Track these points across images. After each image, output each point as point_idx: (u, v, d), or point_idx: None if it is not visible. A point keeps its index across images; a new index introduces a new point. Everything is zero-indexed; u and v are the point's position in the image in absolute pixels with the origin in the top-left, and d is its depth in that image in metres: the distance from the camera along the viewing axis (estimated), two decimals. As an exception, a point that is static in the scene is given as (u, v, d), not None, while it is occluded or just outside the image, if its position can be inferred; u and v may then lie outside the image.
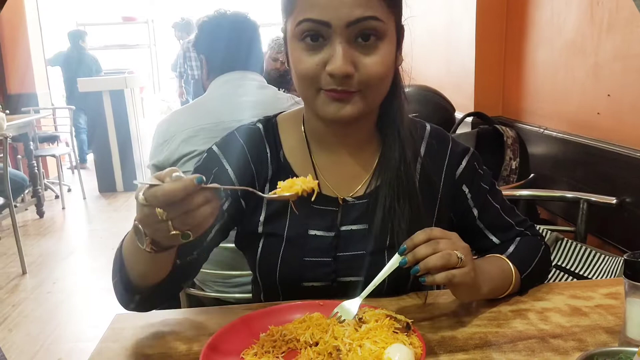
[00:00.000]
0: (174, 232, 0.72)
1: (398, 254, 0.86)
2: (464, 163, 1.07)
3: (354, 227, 1.03)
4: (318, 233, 1.02)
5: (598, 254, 1.50)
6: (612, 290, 1.04)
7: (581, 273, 1.50)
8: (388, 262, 0.93)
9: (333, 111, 0.94)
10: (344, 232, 1.03)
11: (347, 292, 0.96)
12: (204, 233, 0.77)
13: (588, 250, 1.52)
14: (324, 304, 0.92)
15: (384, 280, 1.00)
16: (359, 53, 0.90)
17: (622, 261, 1.39)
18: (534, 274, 1.05)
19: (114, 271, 0.95)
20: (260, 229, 1.04)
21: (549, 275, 1.51)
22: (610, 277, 1.44)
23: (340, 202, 1.03)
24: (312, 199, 0.84)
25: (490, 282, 0.95)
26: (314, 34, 0.90)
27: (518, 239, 1.09)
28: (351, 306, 0.89)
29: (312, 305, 0.94)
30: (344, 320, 0.87)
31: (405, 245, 0.86)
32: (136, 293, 0.92)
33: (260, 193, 0.83)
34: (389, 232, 0.99)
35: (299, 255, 1.01)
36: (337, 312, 0.89)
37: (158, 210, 0.71)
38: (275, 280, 1.03)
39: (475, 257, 0.98)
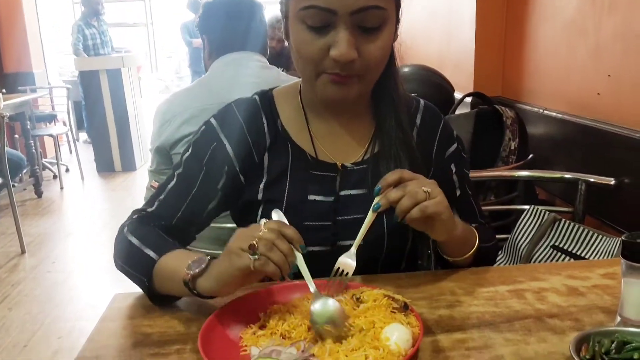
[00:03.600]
0: (255, 256, 0.80)
1: (374, 194, 0.90)
2: (453, 144, 1.12)
3: (353, 191, 1.05)
4: (317, 198, 1.04)
5: (596, 235, 1.50)
6: (610, 271, 1.05)
7: (579, 254, 1.51)
8: (387, 223, 1.01)
9: (333, 93, 0.96)
10: (343, 197, 1.05)
11: None
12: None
13: (586, 231, 1.52)
14: (321, 284, 0.92)
15: (378, 261, 1.03)
16: (361, 39, 0.92)
17: (619, 242, 1.39)
18: (488, 252, 1.10)
19: (130, 265, 1.00)
20: (260, 196, 1.05)
21: (547, 256, 1.52)
22: (608, 257, 1.44)
23: (339, 167, 1.06)
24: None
25: (461, 226, 1.00)
26: (318, 19, 0.91)
27: (478, 225, 1.12)
28: (348, 259, 0.92)
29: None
30: (346, 274, 0.91)
31: (380, 185, 0.90)
32: (157, 299, 0.98)
33: None
34: None
35: (299, 220, 1.01)
36: (339, 268, 0.91)
37: (265, 229, 0.81)
38: None
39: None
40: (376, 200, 0.90)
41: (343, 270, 0.91)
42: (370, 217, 0.91)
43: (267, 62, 1.85)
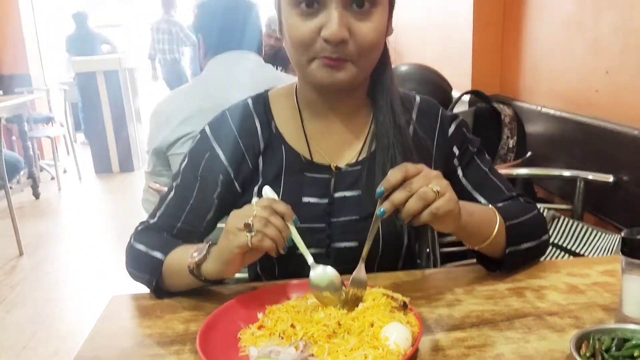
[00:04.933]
0: (251, 233, 0.84)
1: (376, 196, 0.83)
2: (453, 126, 1.09)
3: (347, 193, 1.04)
4: (312, 200, 1.03)
5: (595, 232, 1.50)
6: (609, 268, 1.04)
7: (578, 251, 1.51)
8: (381, 227, 0.96)
9: (327, 76, 0.94)
10: (338, 199, 1.04)
11: (341, 259, 0.97)
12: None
13: (585, 228, 1.52)
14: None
15: (374, 261, 1.03)
16: (353, 19, 0.90)
17: (618, 239, 1.39)
18: (522, 228, 1.00)
19: (140, 270, 1.03)
20: (254, 200, 1.04)
21: (547, 254, 1.51)
22: (607, 254, 1.45)
23: (334, 169, 1.05)
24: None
25: (470, 213, 0.91)
26: (309, 0, 0.90)
27: (509, 202, 1.06)
28: (360, 274, 0.87)
29: (307, 285, 0.93)
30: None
31: (382, 188, 0.82)
32: (165, 295, 1.01)
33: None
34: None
35: None
36: (350, 290, 0.86)
37: (258, 207, 0.85)
38: None
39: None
40: (379, 204, 0.83)
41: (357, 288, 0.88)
42: (375, 224, 0.84)
43: (262, 61, 1.85)
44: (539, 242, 1.05)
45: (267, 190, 0.93)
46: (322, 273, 0.87)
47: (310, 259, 0.89)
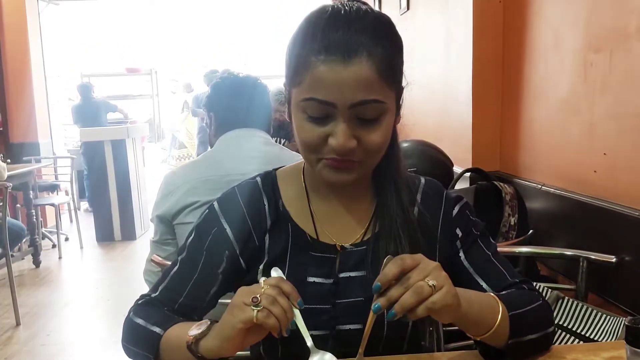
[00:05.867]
0: (257, 308, 0.83)
1: (373, 291, 0.83)
2: (457, 208, 1.10)
3: (352, 273, 1.04)
4: (317, 280, 1.03)
5: (599, 314, 1.49)
6: (614, 354, 1.03)
7: (583, 333, 1.49)
8: (385, 313, 0.93)
9: (332, 176, 0.98)
10: (343, 279, 1.04)
11: (346, 341, 0.96)
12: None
13: (589, 309, 1.51)
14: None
15: (379, 342, 1.00)
16: (360, 129, 0.94)
17: (623, 322, 1.38)
18: (526, 318, 0.97)
19: (137, 345, 1.03)
20: (259, 278, 1.04)
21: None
22: (613, 337, 1.43)
23: (338, 249, 1.05)
24: None
25: (470, 301, 0.89)
26: (318, 110, 0.93)
27: (512, 290, 1.05)
28: None
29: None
30: None
31: (379, 283, 0.82)
32: None
33: None
34: None
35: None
36: None
37: (266, 285, 0.85)
38: None
39: None
40: (375, 299, 0.83)
41: None
42: (371, 318, 0.85)
43: (269, 138, 1.93)
44: (544, 334, 1.01)
45: (275, 272, 0.94)
46: (321, 359, 0.86)
47: (309, 342, 0.88)
